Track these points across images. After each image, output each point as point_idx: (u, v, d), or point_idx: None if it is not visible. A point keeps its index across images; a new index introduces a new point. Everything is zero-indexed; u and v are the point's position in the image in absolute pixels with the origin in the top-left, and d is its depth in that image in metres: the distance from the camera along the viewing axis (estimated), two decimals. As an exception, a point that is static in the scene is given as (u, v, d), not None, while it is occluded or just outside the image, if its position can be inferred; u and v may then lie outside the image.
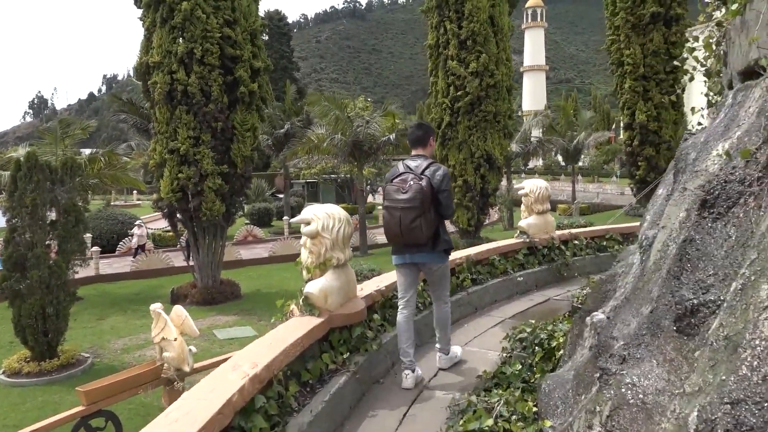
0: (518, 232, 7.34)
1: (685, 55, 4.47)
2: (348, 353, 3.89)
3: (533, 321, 4.91)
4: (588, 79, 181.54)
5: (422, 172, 4.07)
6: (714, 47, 3.85)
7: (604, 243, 8.15)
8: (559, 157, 61.82)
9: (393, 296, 4.74)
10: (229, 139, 15.53)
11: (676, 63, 24.46)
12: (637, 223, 9.06)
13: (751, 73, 3.22)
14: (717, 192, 2.58)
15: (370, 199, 51.80)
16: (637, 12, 24.18)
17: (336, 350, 3.83)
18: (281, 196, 37.89)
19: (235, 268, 20.23)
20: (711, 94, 4.14)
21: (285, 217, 29.90)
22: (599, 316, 3.55)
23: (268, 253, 23.04)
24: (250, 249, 24.91)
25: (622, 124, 25.65)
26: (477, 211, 20.60)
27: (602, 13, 26.32)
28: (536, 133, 34.73)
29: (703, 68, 5.07)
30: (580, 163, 41.58)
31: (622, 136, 25.81)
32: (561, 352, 4.09)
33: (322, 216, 3.91)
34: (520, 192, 7.27)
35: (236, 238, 27.43)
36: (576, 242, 7.81)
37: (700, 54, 4.17)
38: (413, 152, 4.35)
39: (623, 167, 44.20)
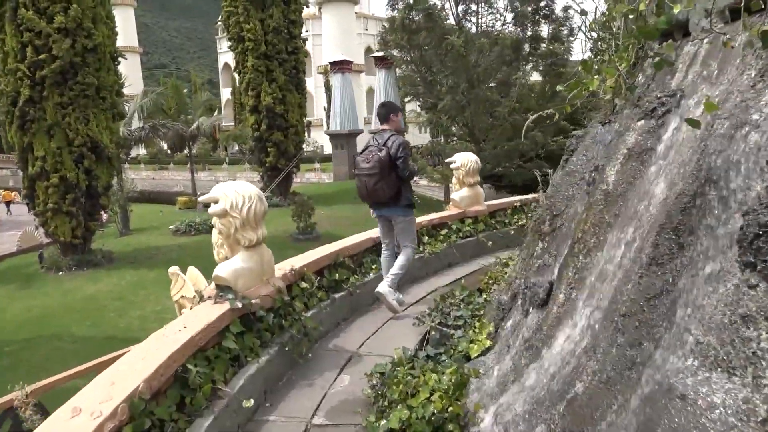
0: (213, 285, 3.75)
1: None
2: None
3: None
4: (184, 66, 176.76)
5: (384, 144, 4.87)
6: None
7: (336, 276, 5.12)
8: (164, 145, 56.98)
9: None
10: None
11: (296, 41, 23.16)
12: (364, 238, 6.31)
13: None
14: None
15: None
16: (254, -17, 21.93)
17: None
18: None
19: None
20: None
21: None
22: None
23: None
24: None
25: (247, 107, 23.20)
26: (84, 216, 15.44)
27: (190, 1, 23.48)
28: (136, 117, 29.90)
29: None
30: (192, 151, 38.44)
31: (248, 121, 23.43)
32: None
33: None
34: (212, 211, 3.74)
35: None
36: (304, 285, 4.58)
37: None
38: (381, 127, 5.13)
39: (245, 154, 42.57)
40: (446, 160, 8.40)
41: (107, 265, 15.99)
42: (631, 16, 2.84)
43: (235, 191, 3.67)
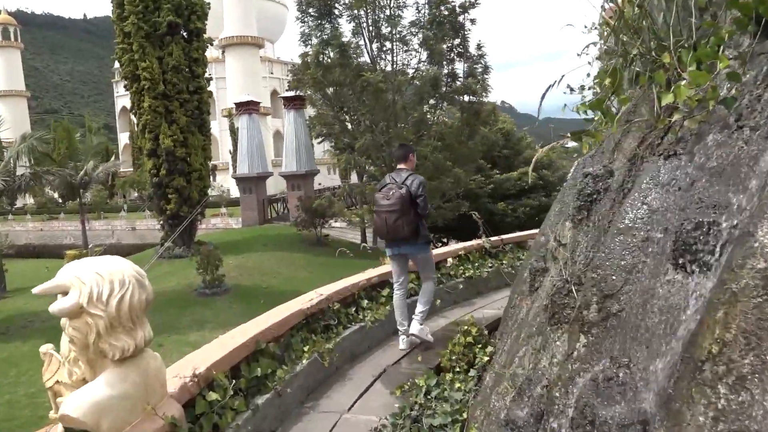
0: (61, 430, 2.33)
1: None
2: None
3: None
4: (77, 110, 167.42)
5: (403, 182, 5.04)
6: None
7: (257, 371, 3.75)
8: (53, 193, 52.62)
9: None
10: None
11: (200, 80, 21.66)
12: (290, 312, 4.89)
13: None
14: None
15: None
16: (151, 19, 20.27)
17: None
18: None
19: None
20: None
21: None
22: None
23: None
24: None
25: (145, 151, 21.25)
26: (-59, 282, 12.98)
27: (83, 44, 21.66)
28: (22, 164, 26.97)
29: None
30: (86, 199, 35.20)
31: (146, 165, 21.47)
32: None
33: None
34: (56, 309, 2.34)
35: None
36: (213, 396, 3.19)
37: None
38: (398, 166, 5.32)
39: (145, 201, 39.77)
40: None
41: (-29, 339, 13.50)
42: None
43: (97, 274, 2.29)
